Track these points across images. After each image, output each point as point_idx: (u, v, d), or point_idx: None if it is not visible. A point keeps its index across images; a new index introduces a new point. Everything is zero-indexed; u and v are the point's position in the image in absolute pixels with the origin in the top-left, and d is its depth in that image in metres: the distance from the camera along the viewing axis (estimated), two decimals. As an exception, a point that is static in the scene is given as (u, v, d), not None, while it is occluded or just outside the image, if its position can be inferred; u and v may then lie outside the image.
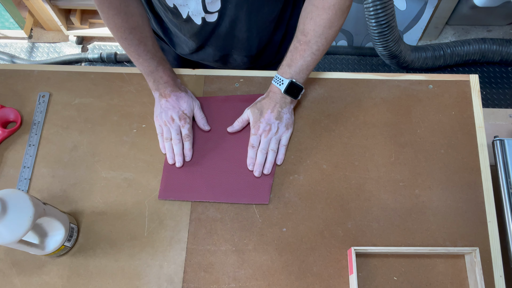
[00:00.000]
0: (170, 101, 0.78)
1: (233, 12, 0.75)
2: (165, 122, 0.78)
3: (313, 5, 0.70)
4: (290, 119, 0.78)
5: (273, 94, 0.77)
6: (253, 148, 0.77)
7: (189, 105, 0.79)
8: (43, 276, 0.71)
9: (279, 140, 0.78)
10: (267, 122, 0.77)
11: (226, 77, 0.86)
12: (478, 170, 0.76)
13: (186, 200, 0.75)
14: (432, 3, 1.72)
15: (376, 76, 0.85)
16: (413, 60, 1.79)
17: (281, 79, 0.75)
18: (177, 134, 0.78)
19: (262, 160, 0.77)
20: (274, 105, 0.77)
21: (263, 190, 0.75)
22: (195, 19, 0.78)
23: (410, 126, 0.80)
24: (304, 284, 0.69)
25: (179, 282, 0.70)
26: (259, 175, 0.76)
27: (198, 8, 0.74)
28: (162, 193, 0.76)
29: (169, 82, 0.78)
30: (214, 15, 0.76)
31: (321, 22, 0.70)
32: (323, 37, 0.71)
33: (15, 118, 0.82)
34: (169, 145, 0.78)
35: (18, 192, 0.60)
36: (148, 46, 0.76)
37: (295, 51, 0.74)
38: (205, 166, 0.78)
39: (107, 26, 0.73)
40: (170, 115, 0.78)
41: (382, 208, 0.74)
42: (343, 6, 0.69)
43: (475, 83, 0.83)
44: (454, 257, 0.71)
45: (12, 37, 2.01)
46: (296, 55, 0.74)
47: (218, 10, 0.75)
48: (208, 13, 0.75)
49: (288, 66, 0.75)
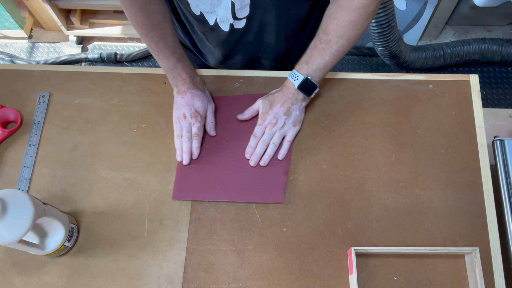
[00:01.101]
0: (185, 98, 0.78)
1: (262, 16, 0.75)
2: (178, 118, 0.78)
3: (338, 5, 0.69)
4: (299, 117, 0.78)
5: (286, 88, 0.77)
6: (255, 138, 0.77)
7: (203, 104, 0.79)
8: (43, 276, 0.71)
9: (284, 135, 0.78)
10: (274, 115, 0.76)
11: (226, 77, 0.86)
12: (478, 170, 0.76)
13: (201, 200, 0.75)
14: (432, 3, 1.72)
15: (376, 76, 0.85)
16: (413, 60, 1.79)
17: (296, 75, 0.75)
18: (187, 131, 0.77)
19: (261, 152, 0.77)
20: (285, 100, 0.76)
21: (277, 189, 0.75)
22: (223, 26, 0.78)
23: (410, 126, 0.80)
24: (304, 284, 0.69)
25: (179, 282, 0.70)
26: (255, 165, 0.76)
27: (227, 15, 0.74)
28: (176, 193, 0.76)
29: (187, 79, 0.78)
30: (242, 21, 0.76)
31: (344, 23, 0.69)
32: (344, 38, 0.70)
33: (15, 118, 0.82)
34: (179, 142, 0.78)
35: (18, 192, 0.60)
36: (168, 43, 0.76)
37: (315, 49, 0.73)
38: (219, 166, 0.78)
39: (130, 22, 0.74)
40: (183, 112, 0.78)
41: (382, 208, 0.74)
42: (368, 9, 0.68)
43: (475, 83, 0.83)
44: (454, 257, 0.71)
45: (12, 37, 2.01)
46: (315, 53, 0.73)
47: (246, 16, 0.75)
48: (237, 19, 0.75)
49: (305, 63, 0.74)
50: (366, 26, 0.70)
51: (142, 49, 1.97)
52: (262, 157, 0.77)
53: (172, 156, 0.79)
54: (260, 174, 0.77)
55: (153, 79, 0.86)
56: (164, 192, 0.76)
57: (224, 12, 0.74)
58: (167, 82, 0.85)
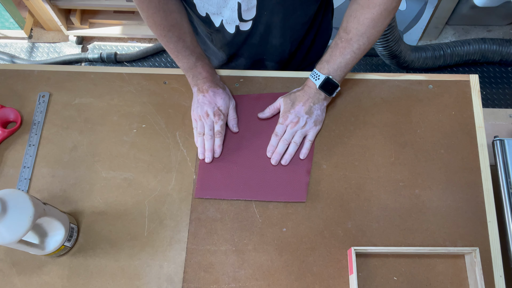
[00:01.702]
0: (207, 96, 0.78)
1: (268, 18, 0.75)
2: (199, 116, 0.78)
3: (358, 3, 0.69)
4: (320, 116, 0.78)
5: (308, 88, 0.77)
6: (276, 137, 0.77)
7: (225, 102, 0.79)
8: (43, 276, 0.71)
9: (305, 134, 0.78)
10: (296, 114, 0.76)
11: (226, 77, 0.86)
12: (478, 170, 0.76)
13: (223, 198, 0.75)
14: (432, 3, 1.72)
15: (376, 76, 0.85)
16: (413, 60, 1.79)
17: (318, 74, 0.75)
18: (210, 129, 0.77)
19: (282, 150, 0.77)
20: (307, 99, 0.76)
21: (300, 188, 0.75)
22: (228, 28, 0.78)
23: (410, 126, 0.80)
24: (304, 284, 0.69)
25: (179, 282, 0.70)
26: (276, 163, 0.76)
27: (233, 16, 0.74)
28: (199, 191, 0.76)
29: (208, 78, 0.78)
30: (248, 23, 0.76)
31: (365, 21, 0.69)
32: (365, 36, 0.70)
33: (15, 118, 0.82)
34: (201, 140, 0.78)
35: (18, 192, 0.60)
36: (186, 43, 0.75)
37: (336, 48, 0.73)
38: (241, 164, 0.78)
39: (147, 24, 0.73)
40: (206, 110, 0.77)
41: (382, 208, 0.74)
42: (389, 6, 0.67)
43: (475, 83, 0.83)
44: (454, 257, 0.71)
45: (12, 37, 2.01)
46: (336, 52, 0.73)
47: (252, 18, 0.75)
48: (243, 21, 0.75)
49: (326, 62, 0.74)
50: (387, 23, 0.70)
51: (142, 49, 1.97)
52: (283, 156, 0.77)
53: (172, 156, 0.79)
54: (283, 173, 0.77)
55: (153, 79, 0.86)
56: (164, 192, 0.76)
57: (230, 13, 0.74)
58: (167, 82, 0.85)
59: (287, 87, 0.84)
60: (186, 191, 0.76)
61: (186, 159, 0.79)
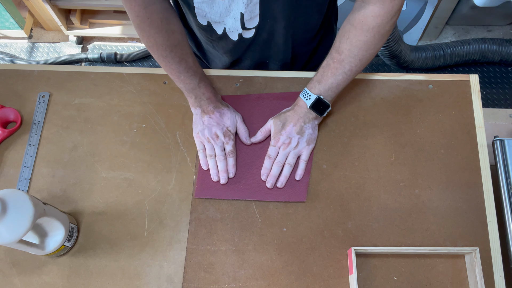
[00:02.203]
0: (213, 118, 0.77)
1: (271, 26, 0.75)
2: (208, 139, 0.77)
3: (351, 24, 0.68)
4: (312, 135, 0.77)
5: (298, 107, 0.76)
6: (269, 159, 0.76)
7: (232, 121, 0.78)
8: (43, 276, 0.71)
9: (299, 155, 0.77)
10: (287, 135, 0.76)
11: (226, 77, 0.86)
12: (478, 170, 0.76)
13: (223, 198, 0.75)
14: (432, 3, 1.72)
15: (376, 76, 0.85)
16: (413, 60, 1.79)
17: (308, 94, 0.74)
18: (222, 150, 0.77)
19: (277, 173, 0.76)
20: (297, 119, 0.75)
21: (300, 188, 0.75)
22: (232, 36, 0.78)
23: (410, 126, 0.80)
24: (304, 284, 0.69)
25: (179, 282, 0.70)
26: (271, 187, 0.75)
27: (236, 25, 0.74)
28: (199, 191, 0.76)
29: (211, 99, 0.77)
30: (251, 31, 0.76)
31: (358, 43, 0.68)
32: (357, 59, 0.69)
33: (15, 118, 0.82)
34: (213, 162, 0.77)
35: (18, 192, 0.60)
36: (189, 63, 0.74)
37: (327, 68, 0.72)
38: (241, 165, 0.78)
39: (146, 45, 0.71)
40: (215, 131, 0.77)
41: (382, 208, 0.74)
42: (382, 30, 0.67)
43: (475, 83, 0.83)
44: (454, 257, 0.71)
45: (12, 37, 2.01)
46: (327, 72, 0.72)
47: (255, 26, 0.75)
48: (246, 30, 0.75)
49: (318, 82, 0.73)
50: (380, 46, 0.69)
51: (142, 49, 1.97)
52: (278, 178, 0.76)
53: (172, 156, 0.79)
54: None
55: (153, 79, 0.86)
56: (164, 192, 0.76)
57: (233, 22, 0.73)
58: (167, 82, 0.85)
59: (287, 87, 0.84)
60: (186, 191, 0.76)
61: (186, 159, 0.79)
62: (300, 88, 0.84)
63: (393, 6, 0.65)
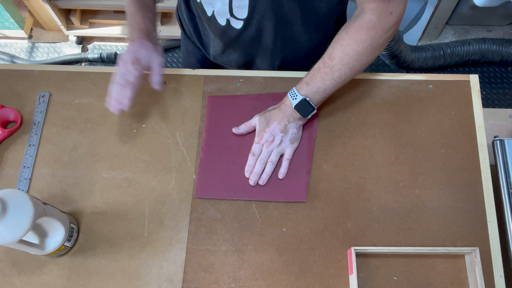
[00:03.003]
0: (133, 45, 0.75)
1: (260, 22, 0.75)
2: (120, 63, 0.75)
3: (347, 32, 0.68)
4: (296, 134, 0.77)
5: (284, 106, 0.76)
6: (253, 156, 0.76)
7: (148, 55, 0.76)
8: (43, 276, 0.71)
9: (281, 153, 0.77)
10: (271, 133, 0.75)
11: (226, 77, 0.86)
12: (478, 170, 0.76)
13: (223, 198, 0.75)
14: (432, 3, 1.72)
15: (376, 76, 0.85)
16: (413, 60, 1.79)
17: (295, 94, 0.74)
18: (121, 77, 0.74)
19: (260, 170, 0.76)
20: (282, 118, 0.75)
21: (300, 188, 0.75)
22: (219, 20, 0.78)
23: (410, 126, 0.80)
24: (304, 284, 0.69)
25: (179, 282, 0.70)
26: (254, 184, 0.75)
27: (224, 9, 0.74)
28: (199, 191, 0.76)
29: (143, 31, 0.76)
30: (239, 22, 0.76)
31: (350, 52, 0.68)
32: (347, 67, 0.69)
33: (15, 118, 0.82)
34: (111, 87, 0.74)
35: (18, 192, 0.60)
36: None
37: (317, 72, 0.72)
38: (241, 165, 0.78)
39: None
40: (126, 57, 0.75)
41: (382, 208, 0.74)
42: (375, 43, 0.67)
43: (475, 83, 0.83)
44: (454, 257, 0.71)
45: (12, 37, 2.01)
46: (317, 76, 0.72)
47: (244, 19, 0.75)
48: (234, 18, 0.75)
49: (306, 84, 0.73)
50: (372, 58, 0.69)
51: (142, 49, 1.96)
52: (261, 176, 0.76)
53: (172, 156, 0.79)
54: None
55: (153, 79, 0.86)
56: (164, 192, 0.76)
57: (221, 6, 0.74)
58: (167, 82, 0.85)
59: (287, 87, 0.84)
60: (186, 191, 0.76)
61: (186, 159, 0.79)
62: (300, 88, 0.84)
63: (389, 20, 0.65)
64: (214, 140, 0.80)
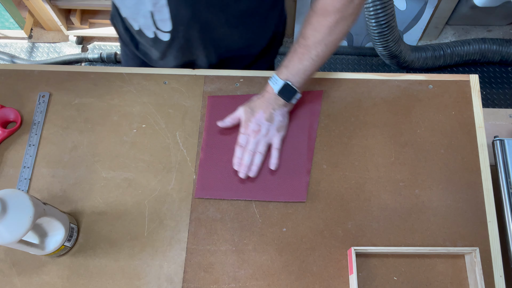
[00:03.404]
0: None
1: (186, 31, 0.75)
2: None
3: (313, 10, 0.68)
4: (282, 122, 0.76)
5: (267, 94, 0.74)
6: (240, 148, 0.75)
7: None
8: (43, 276, 0.71)
9: (269, 142, 0.76)
10: (257, 122, 0.74)
11: (226, 77, 0.86)
12: (478, 170, 0.76)
13: (223, 198, 0.75)
14: (432, 3, 1.72)
15: (376, 76, 0.85)
16: (413, 60, 1.79)
17: (276, 79, 0.73)
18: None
19: (248, 162, 0.75)
20: (266, 106, 0.74)
21: (300, 188, 0.75)
22: (147, 33, 0.79)
23: (410, 126, 0.80)
24: (304, 284, 0.69)
25: (179, 282, 0.70)
26: (244, 176, 0.75)
27: (147, 23, 0.75)
28: (199, 191, 0.76)
29: None
30: (166, 34, 0.77)
31: (320, 28, 0.67)
32: (323, 44, 0.68)
33: (15, 118, 0.82)
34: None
35: (18, 192, 0.60)
36: None
37: (294, 54, 0.71)
38: None
39: None
40: None
41: (382, 208, 0.74)
42: (344, 12, 0.66)
43: (475, 83, 0.83)
44: (454, 257, 0.71)
45: (12, 37, 2.01)
46: (294, 58, 0.71)
47: (170, 31, 0.76)
48: (160, 31, 0.76)
49: (285, 67, 0.72)
50: (345, 30, 0.68)
51: (142, 49, 1.97)
52: (251, 168, 0.75)
53: (172, 156, 0.79)
54: (283, 173, 0.77)
55: (153, 79, 0.86)
56: (164, 192, 0.76)
57: (145, 20, 0.74)
58: (167, 82, 0.85)
59: (287, 87, 0.84)
60: (186, 191, 0.76)
61: (186, 159, 0.79)
62: (300, 88, 0.84)
63: None
64: (214, 140, 0.80)
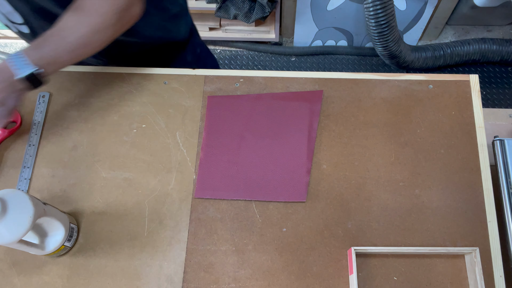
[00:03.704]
0: None
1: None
2: None
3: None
4: None
5: None
6: None
7: None
8: (43, 276, 0.71)
9: None
10: None
11: (226, 77, 0.86)
12: (478, 170, 0.77)
13: (223, 198, 0.75)
14: (432, 3, 1.72)
15: (376, 76, 0.85)
16: (413, 60, 1.79)
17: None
18: None
19: None
20: None
21: (300, 188, 0.75)
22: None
23: (410, 126, 0.80)
24: (304, 284, 0.69)
25: (179, 282, 0.70)
26: None
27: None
28: (199, 191, 0.76)
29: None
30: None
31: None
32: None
33: (15, 118, 0.82)
34: None
35: (18, 192, 0.60)
36: None
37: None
38: (241, 164, 0.78)
39: None
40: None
41: (382, 208, 0.74)
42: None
43: (475, 83, 0.83)
44: (454, 257, 0.71)
45: (12, 37, 2.01)
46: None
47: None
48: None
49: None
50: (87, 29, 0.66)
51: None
52: None
53: (172, 156, 0.79)
54: (283, 173, 0.77)
55: (153, 79, 0.86)
56: (164, 192, 0.76)
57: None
58: (167, 82, 0.85)
59: (287, 87, 0.84)
60: (186, 191, 0.76)
61: (186, 159, 0.79)
62: (300, 87, 0.84)
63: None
64: (214, 140, 0.80)
